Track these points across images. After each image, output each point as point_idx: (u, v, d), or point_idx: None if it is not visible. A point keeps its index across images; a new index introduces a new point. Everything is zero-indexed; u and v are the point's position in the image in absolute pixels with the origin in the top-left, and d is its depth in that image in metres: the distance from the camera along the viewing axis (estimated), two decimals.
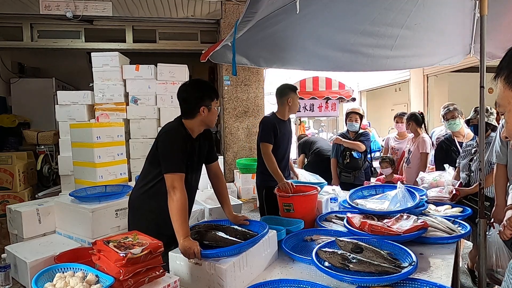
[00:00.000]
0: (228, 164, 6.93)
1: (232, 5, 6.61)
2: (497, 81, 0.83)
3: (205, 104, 1.98)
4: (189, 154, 1.96)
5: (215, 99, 2.03)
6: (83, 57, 7.89)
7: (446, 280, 1.53)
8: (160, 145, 1.92)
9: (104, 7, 6.14)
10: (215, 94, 2.06)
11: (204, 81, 2.15)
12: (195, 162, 2.04)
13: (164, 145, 1.91)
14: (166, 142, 1.91)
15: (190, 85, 2.09)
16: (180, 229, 1.68)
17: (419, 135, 3.93)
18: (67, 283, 1.27)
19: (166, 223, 1.85)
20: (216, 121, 2.09)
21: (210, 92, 2.03)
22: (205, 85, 2.08)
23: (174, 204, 1.75)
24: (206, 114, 1.98)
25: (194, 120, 2.00)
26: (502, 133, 0.87)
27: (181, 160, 1.86)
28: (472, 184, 2.82)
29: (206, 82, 2.14)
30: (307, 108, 6.51)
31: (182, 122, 2.01)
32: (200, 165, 2.15)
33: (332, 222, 2.30)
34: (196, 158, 2.06)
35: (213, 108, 2.01)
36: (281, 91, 3.18)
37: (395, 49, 3.17)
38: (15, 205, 3.10)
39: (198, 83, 2.09)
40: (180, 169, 1.83)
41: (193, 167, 2.02)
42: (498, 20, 2.78)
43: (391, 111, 9.63)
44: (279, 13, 2.50)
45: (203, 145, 2.13)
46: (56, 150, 6.17)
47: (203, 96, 1.99)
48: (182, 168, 1.84)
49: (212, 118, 2.03)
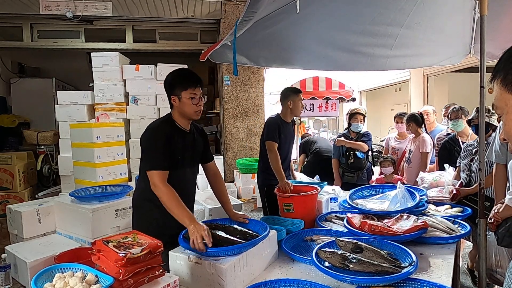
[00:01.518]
0: (228, 164, 6.93)
1: (232, 5, 6.61)
2: (494, 83, 0.83)
3: (174, 93, 1.92)
4: (180, 149, 1.92)
5: (188, 89, 1.90)
6: (83, 57, 7.88)
7: (446, 280, 1.52)
8: (142, 144, 1.91)
9: (104, 7, 6.14)
10: (188, 82, 1.92)
11: (182, 70, 2.03)
12: (188, 156, 1.99)
13: (144, 143, 1.90)
14: (146, 140, 1.89)
15: (168, 74, 2.00)
16: (182, 216, 1.69)
17: (420, 135, 3.93)
18: (66, 283, 1.26)
19: (165, 223, 1.86)
20: (196, 113, 1.95)
21: (181, 80, 1.93)
22: (179, 74, 1.98)
23: (163, 199, 1.77)
24: (177, 104, 1.93)
25: (173, 111, 1.97)
26: (500, 135, 0.87)
27: (161, 157, 1.82)
28: (473, 184, 2.82)
29: (183, 71, 2.01)
30: (307, 108, 6.50)
31: (170, 115, 1.99)
32: (195, 160, 2.09)
33: (332, 222, 2.30)
34: (190, 153, 2.01)
35: (184, 98, 1.90)
36: (284, 94, 3.22)
37: (395, 48, 3.17)
38: (15, 205, 3.09)
39: (173, 72, 2.00)
40: (160, 166, 1.81)
41: (185, 162, 1.97)
42: (498, 20, 2.78)
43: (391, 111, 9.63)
44: (279, 12, 2.50)
45: (199, 141, 2.09)
46: (56, 150, 6.17)
47: (172, 85, 1.93)
48: (162, 165, 1.81)
49: (185, 109, 1.92)
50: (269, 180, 3.08)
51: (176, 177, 1.89)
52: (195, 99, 1.92)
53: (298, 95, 3.16)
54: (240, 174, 6.32)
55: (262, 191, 3.23)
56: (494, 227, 2.10)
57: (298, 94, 3.17)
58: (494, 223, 2.09)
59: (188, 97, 1.91)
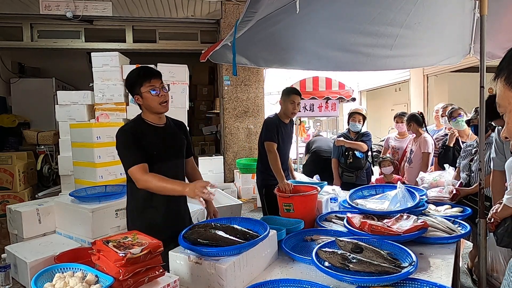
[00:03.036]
0: (228, 164, 6.93)
1: (232, 5, 6.61)
2: (497, 81, 0.82)
3: (135, 92, 1.93)
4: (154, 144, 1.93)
5: (145, 83, 1.90)
6: (83, 57, 7.89)
7: (446, 280, 1.52)
8: (116, 148, 1.93)
9: (104, 7, 6.14)
10: (143, 77, 1.92)
11: (136, 68, 2.03)
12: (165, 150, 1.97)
13: (117, 146, 1.92)
14: (117, 143, 1.92)
15: (126, 77, 2.03)
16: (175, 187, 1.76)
17: (421, 135, 3.93)
18: (66, 283, 1.26)
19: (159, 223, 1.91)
20: (162, 105, 1.94)
21: (136, 78, 1.93)
22: (133, 73, 1.98)
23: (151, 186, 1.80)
24: (142, 102, 1.94)
25: (142, 109, 2.00)
26: (502, 133, 0.87)
27: (134, 154, 1.85)
28: (473, 184, 2.82)
29: (137, 69, 2.01)
30: (307, 108, 6.50)
31: (140, 115, 2.01)
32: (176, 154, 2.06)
33: (332, 222, 2.30)
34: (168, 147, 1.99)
35: (144, 93, 1.91)
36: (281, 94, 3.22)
37: (395, 48, 3.17)
38: (15, 205, 3.09)
39: (129, 73, 2.00)
40: (135, 161, 1.83)
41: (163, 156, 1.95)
42: (498, 20, 2.78)
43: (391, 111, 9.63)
44: (279, 13, 2.50)
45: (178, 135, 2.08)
46: (56, 150, 6.17)
47: (131, 86, 1.95)
48: (138, 160, 1.83)
49: (151, 103, 1.92)
50: (268, 180, 3.08)
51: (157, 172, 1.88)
52: (155, 90, 1.91)
53: (290, 96, 3.14)
54: (240, 174, 6.32)
55: (261, 192, 3.24)
56: (493, 227, 2.10)
57: (290, 95, 3.15)
58: (494, 223, 2.09)
59: (147, 91, 1.91)
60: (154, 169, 1.89)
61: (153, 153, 1.91)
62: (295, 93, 3.19)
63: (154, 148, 1.92)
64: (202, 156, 7.01)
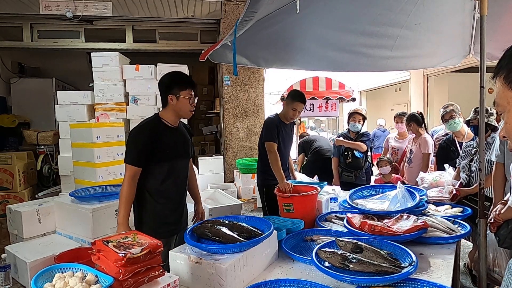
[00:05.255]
0: (228, 164, 6.93)
1: (232, 5, 6.61)
2: (496, 80, 0.82)
3: (172, 92, 2.06)
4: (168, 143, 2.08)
5: (186, 89, 2.07)
6: (83, 57, 7.89)
7: (446, 280, 1.52)
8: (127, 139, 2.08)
9: (104, 7, 6.14)
10: (186, 83, 2.09)
11: (178, 72, 2.18)
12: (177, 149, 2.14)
13: (128, 139, 2.07)
14: (129, 137, 2.06)
15: (164, 75, 2.15)
16: (121, 215, 1.94)
17: (421, 135, 3.93)
18: (66, 283, 1.26)
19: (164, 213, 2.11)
20: (190, 112, 2.12)
21: (179, 81, 2.08)
22: (176, 75, 2.13)
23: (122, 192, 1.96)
24: (174, 103, 2.07)
25: (167, 109, 2.11)
26: (500, 132, 0.87)
27: (135, 154, 1.99)
28: (472, 184, 2.82)
29: (180, 73, 2.16)
30: (307, 108, 6.50)
31: (157, 115, 2.13)
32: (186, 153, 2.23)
33: (332, 222, 2.30)
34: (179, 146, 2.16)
35: (181, 97, 2.06)
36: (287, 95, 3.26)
37: (395, 49, 3.17)
38: (15, 205, 3.09)
39: (170, 73, 2.15)
40: (132, 161, 1.98)
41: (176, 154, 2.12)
42: (498, 21, 2.78)
43: (391, 111, 9.62)
44: (279, 13, 2.50)
45: (186, 136, 2.24)
46: (56, 150, 6.17)
47: (171, 84, 2.07)
48: (134, 161, 1.98)
49: (181, 107, 2.07)
50: (268, 180, 3.08)
51: (168, 168, 2.09)
52: (191, 99, 2.10)
53: (293, 102, 3.07)
54: (240, 174, 6.32)
55: (261, 191, 3.24)
56: (495, 228, 2.09)
57: (294, 102, 3.07)
58: (495, 224, 2.08)
59: (186, 97, 2.07)
60: (167, 165, 2.08)
61: (166, 151, 2.06)
62: (299, 101, 3.08)
63: (168, 147, 2.07)
64: (202, 156, 7.01)
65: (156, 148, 2.02)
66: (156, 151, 2.02)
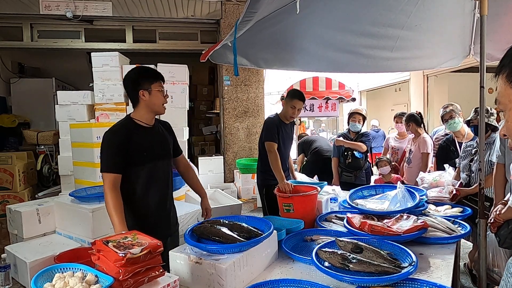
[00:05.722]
0: (228, 164, 6.93)
1: (232, 5, 6.61)
2: (498, 78, 0.82)
3: (143, 87, 1.93)
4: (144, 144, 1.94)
5: (156, 82, 1.95)
6: (83, 57, 7.88)
7: (446, 280, 1.52)
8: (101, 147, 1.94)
9: (104, 7, 6.14)
10: (155, 76, 1.97)
11: (143, 66, 2.08)
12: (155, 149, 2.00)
13: (101, 146, 1.93)
14: (102, 143, 1.92)
15: (128, 73, 2.02)
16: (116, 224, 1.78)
17: (420, 135, 3.93)
18: (66, 283, 1.26)
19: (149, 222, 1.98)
20: (164, 106, 2.00)
21: (147, 74, 1.97)
22: (143, 69, 2.03)
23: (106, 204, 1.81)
24: (147, 98, 1.93)
25: (139, 107, 1.97)
26: (501, 130, 0.86)
27: (113, 161, 1.86)
28: (473, 184, 2.82)
29: (145, 67, 2.05)
30: (307, 108, 6.50)
31: (129, 116, 2.00)
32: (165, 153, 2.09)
33: (332, 222, 2.30)
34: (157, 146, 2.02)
35: (154, 90, 1.94)
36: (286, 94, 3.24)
37: (396, 50, 3.17)
38: (15, 205, 3.09)
39: (135, 69, 2.03)
40: (108, 169, 1.85)
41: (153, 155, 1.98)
42: (497, 21, 2.78)
43: (391, 111, 9.62)
44: (279, 13, 2.50)
45: (165, 135, 2.11)
46: (56, 150, 6.17)
47: (139, 79, 1.94)
48: (111, 167, 1.85)
49: (155, 101, 1.95)
50: (268, 180, 3.08)
51: (148, 172, 1.95)
52: (163, 91, 1.99)
53: (292, 100, 3.06)
54: (240, 174, 6.32)
55: (262, 191, 3.24)
56: (495, 228, 2.09)
57: (293, 99, 3.07)
58: (495, 224, 2.09)
59: (158, 89, 1.96)
60: (146, 169, 1.94)
61: (144, 154, 1.93)
62: (298, 99, 3.08)
63: (145, 149, 1.94)
64: (202, 156, 7.01)
65: (132, 151, 1.89)
66: (132, 154, 1.89)
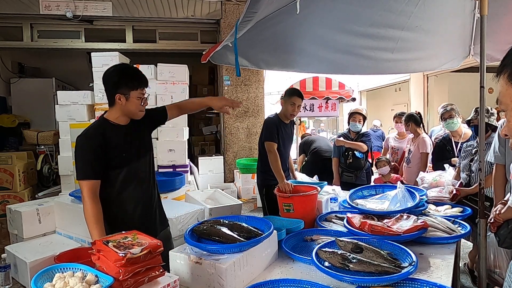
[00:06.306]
0: (228, 164, 6.93)
1: (232, 5, 6.61)
2: (499, 78, 0.81)
3: (121, 91, 1.79)
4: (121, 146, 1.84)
5: (138, 89, 1.82)
6: (83, 57, 7.89)
7: (446, 280, 1.52)
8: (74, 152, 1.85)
9: (104, 7, 6.14)
10: (138, 82, 1.84)
11: (129, 67, 1.97)
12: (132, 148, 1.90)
13: (75, 152, 1.82)
14: (76, 150, 1.81)
15: (111, 69, 1.87)
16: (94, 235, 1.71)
17: (419, 135, 3.93)
18: (66, 283, 1.26)
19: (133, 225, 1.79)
20: (141, 113, 1.88)
21: (130, 79, 1.82)
22: (127, 71, 1.89)
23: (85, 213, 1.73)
24: (123, 103, 1.81)
25: (114, 108, 1.86)
26: (502, 130, 0.86)
27: (88, 166, 1.75)
28: (473, 184, 2.82)
29: (131, 69, 1.93)
30: (307, 108, 6.50)
31: (103, 117, 1.88)
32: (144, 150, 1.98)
33: (332, 222, 2.30)
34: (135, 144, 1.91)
35: (132, 98, 1.81)
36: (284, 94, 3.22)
37: (396, 52, 3.16)
38: (15, 205, 3.09)
39: (119, 68, 1.91)
40: (85, 176, 1.74)
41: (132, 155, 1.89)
42: (497, 22, 2.77)
43: (391, 111, 9.63)
44: (279, 14, 2.49)
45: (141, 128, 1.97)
46: (56, 150, 6.17)
47: (120, 82, 1.80)
48: (88, 174, 1.74)
49: (131, 108, 1.83)
50: (268, 180, 3.08)
51: (127, 172, 1.86)
52: (142, 99, 1.87)
53: (291, 97, 3.09)
54: (240, 174, 6.32)
55: (261, 191, 3.24)
56: (495, 228, 2.09)
57: (291, 97, 3.09)
58: (495, 224, 2.08)
59: (137, 97, 1.83)
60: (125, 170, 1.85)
61: (122, 155, 1.85)
62: (296, 95, 3.11)
63: (122, 151, 1.85)
64: (202, 156, 7.00)
65: (110, 154, 1.79)
66: (111, 157, 1.79)
